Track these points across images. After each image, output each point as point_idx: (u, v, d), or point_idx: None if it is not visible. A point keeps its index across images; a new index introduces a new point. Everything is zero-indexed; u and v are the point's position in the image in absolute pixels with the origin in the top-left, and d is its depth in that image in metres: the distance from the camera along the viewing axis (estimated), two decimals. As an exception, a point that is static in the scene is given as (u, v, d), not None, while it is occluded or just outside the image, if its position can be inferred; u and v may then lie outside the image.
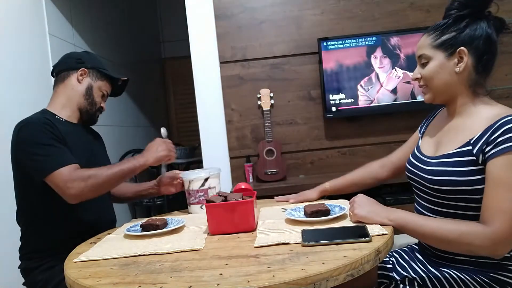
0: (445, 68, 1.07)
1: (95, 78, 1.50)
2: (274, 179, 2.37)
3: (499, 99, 2.44)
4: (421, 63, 1.12)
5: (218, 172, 1.44)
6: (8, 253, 1.62)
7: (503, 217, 0.90)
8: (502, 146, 0.92)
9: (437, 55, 1.08)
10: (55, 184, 1.27)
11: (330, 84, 2.41)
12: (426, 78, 1.11)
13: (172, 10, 5.01)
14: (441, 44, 1.08)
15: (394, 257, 1.25)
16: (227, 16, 2.50)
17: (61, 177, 1.25)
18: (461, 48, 1.05)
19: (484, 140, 0.97)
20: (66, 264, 0.96)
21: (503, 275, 0.99)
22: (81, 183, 1.26)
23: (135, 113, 4.01)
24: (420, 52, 1.12)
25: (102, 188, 1.32)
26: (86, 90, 1.48)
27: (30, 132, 1.32)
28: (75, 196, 1.26)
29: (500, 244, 0.91)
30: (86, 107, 1.49)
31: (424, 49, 1.11)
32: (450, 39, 1.07)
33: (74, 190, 1.25)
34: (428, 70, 1.10)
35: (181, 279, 0.77)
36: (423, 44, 1.11)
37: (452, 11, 1.08)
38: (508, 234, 0.90)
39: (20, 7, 2.25)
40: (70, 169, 1.27)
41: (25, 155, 1.31)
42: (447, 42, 1.07)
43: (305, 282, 0.73)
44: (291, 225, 1.09)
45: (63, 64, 1.50)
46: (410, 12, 2.47)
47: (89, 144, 1.53)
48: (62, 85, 1.48)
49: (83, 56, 1.52)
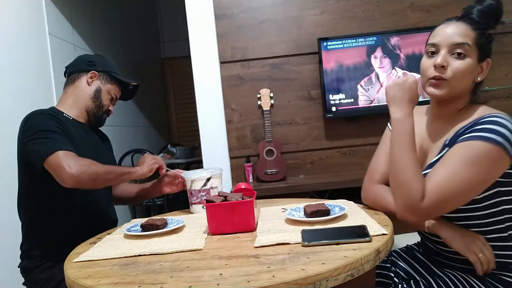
0: (473, 72, 1.01)
1: (104, 81, 1.52)
2: (274, 179, 2.37)
3: (499, 99, 2.47)
4: (456, 53, 0.99)
5: (220, 172, 1.44)
6: (8, 252, 1.62)
7: (434, 194, 0.92)
8: (463, 136, 0.95)
9: (474, 55, 0.99)
10: (56, 164, 1.23)
11: (330, 84, 2.41)
12: (456, 73, 0.99)
13: (172, 10, 5.01)
14: (482, 46, 1.00)
15: (394, 257, 1.25)
16: (227, 16, 2.50)
17: (61, 157, 1.24)
18: (488, 59, 1.03)
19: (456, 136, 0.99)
20: (66, 264, 0.96)
21: (506, 275, 0.99)
22: (82, 166, 1.25)
23: (135, 113, 4.01)
24: (461, 40, 0.98)
25: (100, 178, 1.30)
26: (95, 92, 1.50)
27: (35, 120, 1.34)
28: (73, 176, 1.22)
29: (415, 215, 0.96)
30: (93, 110, 1.51)
31: (468, 39, 0.98)
32: (486, 44, 1.01)
33: (75, 169, 1.22)
34: (464, 65, 0.99)
35: (181, 279, 0.77)
36: (467, 34, 0.99)
37: (483, 17, 1.01)
38: (429, 211, 0.95)
39: (20, 7, 2.25)
40: (72, 154, 1.27)
41: (28, 140, 1.31)
42: (485, 46, 1.01)
43: (305, 282, 0.73)
44: (291, 225, 1.08)
45: (74, 66, 1.53)
46: (410, 12, 2.47)
47: (95, 144, 1.54)
48: (72, 86, 1.50)
49: (95, 59, 1.54)
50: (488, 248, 0.97)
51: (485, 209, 0.98)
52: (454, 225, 1.02)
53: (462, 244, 0.98)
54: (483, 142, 0.91)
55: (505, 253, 0.99)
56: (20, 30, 2.23)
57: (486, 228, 0.99)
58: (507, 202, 0.98)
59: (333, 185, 2.18)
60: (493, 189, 0.96)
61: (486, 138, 0.91)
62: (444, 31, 1.02)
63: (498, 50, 2.45)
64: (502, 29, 2.42)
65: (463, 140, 0.95)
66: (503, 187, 0.97)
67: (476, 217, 0.99)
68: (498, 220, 0.99)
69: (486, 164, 0.91)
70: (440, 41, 1.01)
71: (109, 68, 1.55)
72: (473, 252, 0.96)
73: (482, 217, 0.99)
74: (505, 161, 0.92)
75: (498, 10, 1.02)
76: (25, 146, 1.33)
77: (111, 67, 1.56)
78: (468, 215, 1.00)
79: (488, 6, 1.01)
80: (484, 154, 0.91)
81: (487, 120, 0.95)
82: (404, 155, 0.98)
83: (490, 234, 0.99)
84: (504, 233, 0.99)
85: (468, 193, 0.94)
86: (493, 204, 0.98)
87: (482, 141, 0.91)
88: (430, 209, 0.94)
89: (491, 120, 0.94)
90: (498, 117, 0.95)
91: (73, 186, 1.25)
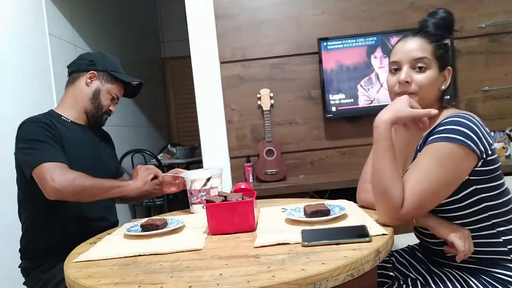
0: (437, 82, 1.07)
1: (104, 81, 1.49)
2: (274, 179, 2.37)
3: (499, 99, 2.47)
4: (417, 67, 1.04)
5: (220, 172, 1.44)
6: (8, 253, 1.62)
7: (411, 198, 0.95)
8: (431, 137, 0.98)
9: (434, 66, 1.06)
10: (40, 176, 1.24)
11: (330, 84, 2.41)
12: (422, 86, 1.04)
13: (172, 10, 5.01)
14: (440, 57, 1.06)
15: (394, 257, 1.25)
16: (227, 16, 2.50)
17: (47, 170, 1.24)
18: (449, 67, 1.08)
19: (425, 140, 1.02)
20: (66, 264, 0.96)
21: (506, 274, 0.99)
22: (66, 180, 1.24)
23: (135, 113, 4.01)
24: (421, 54, 1.04)
25: (85, 192, 1.28)
26: (93, 93, 1.48)
27: (27, 130, 1.33)
28: (56, 190, 1.22)
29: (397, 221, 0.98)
30: (92, 111, 1.49)
31: (427, 53, 1.04)
32: (444, 54, 1.07)
33: (58, 183, 1.22)
34: (428, 78, 1.04)
35: (181, 279, 0.77)
36: (425, 48, 1.05)
37: (438, 30, 1.07)
38: (410, 215, 0.97)
39: (20, 7, 2.25)
40: (58, 165, 1.26)
41: (18, 150, 1.33)
42: (443, 56, 1.07)
43: (305, 282, 0.73)
44: (291, 225, 1.08)
45: (75, 65, 1.51)
46: (410, 12, 2.47)
47: (95, 146, 1.53)
48: (72, 86, 1.49)
49: (96, 58, 1.51)
50: (470, 241, 0.99)
51: (467, 208, 1.00)
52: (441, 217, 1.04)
53: (449, 230, 1.00)
54: (446, 143, 0.95)
55: (496, 249, 1.00)
56: (20, 30, 2.23)
57: (473, 227, 1.01)
58: (488, 199, 1.00)
59: (333, 185, 2.18)
60: (470, 188, 0.99)
61: (448, 138, 0.95)
62: (403, 48, 1.08)
63: (498, 50, 2.45)
64: (503, 29, 2.42)
65: (430, 142, 0.98)
66: (479, 185, 0.99)
67: (460, 216, 1.01)
68: (483, 218, 1.00)
69: (453, 163, 0.95)
70: (400, 58, 1.07)
71: (111, 66, 1.52)
72: (459, 238, 0.98)
73: (466, 216, 1.01)
74: (471, 157, 0.95)
75: (450, 21, 1.08)
76: (17, 155, 1.35)
77: (113, 65, 1.53)
78: (452, 215, 1.02)
79: (441, 19, 1.08)
80: (449, 153, 0.95)
81: (449, 121, 0.98)
82: (382, 162, 1.00)
83: (478, 231, 1.01)
84: (492, 230, 1.00)
85: (442, 192, 0.97)
86: (474, 202, 1.00)
87: (445, 142, 0.95)
88: (410, 212, 0.97)
89: (452, 120, 0.98)
90: (459, 116, 0.98)
91: (56, 198, 1.25)
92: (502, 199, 1.01)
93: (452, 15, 1.09)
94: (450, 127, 0.96)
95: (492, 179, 0.99)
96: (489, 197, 1.00)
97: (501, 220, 1.00)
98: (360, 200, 1.26)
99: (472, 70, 2.45)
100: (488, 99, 2.48)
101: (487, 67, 2.45)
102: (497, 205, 1.00)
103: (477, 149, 0.94)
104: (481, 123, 0.99)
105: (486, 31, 2.44)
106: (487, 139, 0.97)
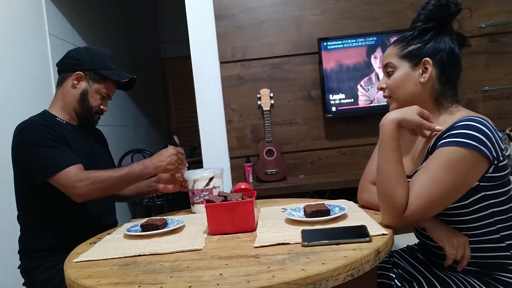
0: (410, 79, 1.09)
1: (92, 81, 1.45)
2: (274, 179, 2.37)
3: (499, 99, 2.47)
4: (387, 72, 1.13)
5: (222, 172, 1.44)
6: (8, 253, 1.62)
7: (417, 202, 0.95)
8: (442, 141, 0.97)
9: (403, 65, 1.10)
10: (61, 184, 1.28)
11: (330, 84, 2.41)
12: (391, 88, 1.12)
13: (172, 10, 5.00)
14: (407, 55, 1.09)
15: (394, 257, 1.25)
16: (227, 16, 2.50)
17: (67, 177, 1.26)
18: (426, 58, 1.07)
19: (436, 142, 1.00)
20: (66, 264, 0.96)
21: (506, 276, 0.99)
22: (88, 183, 1.27)
23: (135, 113, 4.01)
24: (386, 61, 1.13)
25: (108, 190, 1.33)
26: (81, 95, 1.44)
27: (30, 134, 1.31)
28: (81, 195, 1.28)
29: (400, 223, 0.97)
30: (81, 112, 1.46)
31: (390, 58, 1.12)
32: (415, 49, 1.08)
33: (81, 189, 1.26)
34: (394, 79, 1.11)
35: (181, 279, 0.77)
36: (390, 53, 1.12)
37: (418, 23, 1.10)
38: (414, 219, 0.97)
39: (20, 7, 2.25)
40: (76, 169, 1.28)
41: (25, 157, 1.31)
42: (412, 52, 1.09)
43: (305, 282, 0.73)
44: (291, 225, 1.08)
45: (62, 65, 1.48)
46: (410, 12, 2.47)
47: (90, 147, 1.52)
48: (60, 87, 1.46)
49: (82, 56, 1.46)
50: (468, 248, 1.00)
51: (474, 213, 0.99)
52: (441, 220, 1.04)
53: (444, 235, 1.00)
54: (458, 148, 0.93)
55: (500, 254, 1.00)
56: (20, 30, 2.23)
57: (477, 231, 1.00)
58: (495, 205, 0.99)
59: (333, 185, 2.18)
60: (479, 194, 0.97)
61: (461, 143, 0.93)
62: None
63: (498, 50, 2.45)
64: (503, 29, 2.42)
65: (441, 146, 0.97)
66: (488, 191, 0.98)
67: (466, 221, 1.00)
68: (488, 223, 0.99)
69: (464, 169, 0.93)
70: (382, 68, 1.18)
71: (99, 64, 1.46)
72: (451, 245, 0.99)
73: (472, 221, 1.00)
74: (482, 163, 0.94)
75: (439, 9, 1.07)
76: (21, 163, 1.34)
77: (101, 62, 1.47)
78: (458, 219, 1.01)
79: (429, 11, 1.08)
80: (460, 159, 0.93)
81: (461, 124, 0.97)
82: (387, 163, 1.00)
83: (482, 236, 1.00)
84: (496, 235, 1.00)
85: (449, 198, 0.96)
86: (481, 207, 0.99)
87: (457, 146, 0.93)
88: (414, 216, 0.96)
89: (464, 124, 0.96)
90: (473, 120, 0.96)
91: (83, 201, 1.30)
92: (509, 205, 1.00)
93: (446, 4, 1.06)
94: (462, 132, 0.94)
95: (501, 185, 0.98)
96: (496, 203, 0.98)
97: (505, 225, 1.00)
98: (360, 200, 1.26)
99: (472, 70, 2.45)
100: (488, 99, 2.48)
101: (487, 67, 2.45)
102: (503, 211, 0.99)
103: (490, 154, 0.93)
104: (495, 128, 0.97)
105: (486, 31, 2.44)
106: (499, 145, 0.95)
